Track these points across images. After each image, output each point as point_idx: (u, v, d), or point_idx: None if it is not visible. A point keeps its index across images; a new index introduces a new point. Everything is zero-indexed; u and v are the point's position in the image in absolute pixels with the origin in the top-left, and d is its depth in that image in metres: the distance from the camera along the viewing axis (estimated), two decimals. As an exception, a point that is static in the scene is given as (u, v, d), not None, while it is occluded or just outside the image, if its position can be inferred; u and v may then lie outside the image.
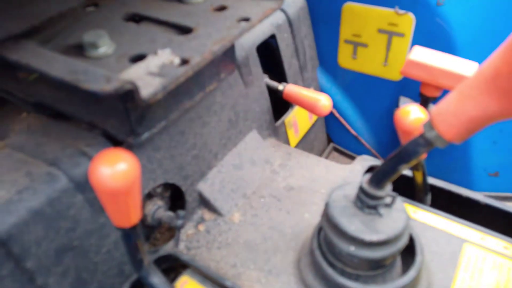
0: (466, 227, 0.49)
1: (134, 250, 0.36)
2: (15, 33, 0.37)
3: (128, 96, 0.32)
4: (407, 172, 0.58)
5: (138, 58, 0.37)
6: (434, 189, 0.57)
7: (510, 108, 0.27)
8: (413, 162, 0.35)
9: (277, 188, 0.58)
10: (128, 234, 0.34)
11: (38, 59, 0.34)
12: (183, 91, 0.45)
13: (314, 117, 0.82)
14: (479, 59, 0.56)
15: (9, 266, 0.35)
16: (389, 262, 0.40)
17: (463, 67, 0.55)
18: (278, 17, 0.70)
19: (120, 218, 0.31)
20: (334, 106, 0.85)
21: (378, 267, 0.40)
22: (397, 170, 0.35)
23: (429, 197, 0.55)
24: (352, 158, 0.89)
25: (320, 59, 0.84)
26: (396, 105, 0.79)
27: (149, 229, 0.54)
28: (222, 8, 0.46)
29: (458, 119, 0.30)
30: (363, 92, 0.82)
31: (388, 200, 0.39)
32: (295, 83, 0.74)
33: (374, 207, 0.39)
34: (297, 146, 0.77)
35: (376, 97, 0.80)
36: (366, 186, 0.38)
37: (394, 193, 0.39)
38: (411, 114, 0.41)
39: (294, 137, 0.75)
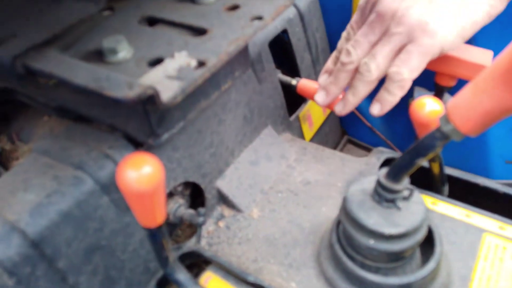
0: (485, 217, 0.50)
1: (160, 248, 0.37)
2: (38, 42, 0.38)
3: (148, 100, 0.33)
4: (423, 163, 0.58)
5: (156, 61, 0.38)
6: (451, 179, 0.57)
7: (527, 101, 0.27)
8: (430, 156, 0.35)
9: (293, 182, 0.59)
10: (154, 234, 0.35)
11: (61, 67, 0.36)
12: (200, 91, 0.46)
13: (328, 110, 0.82)
14: (494, 47, 0.56)
15: (43, 266, 0.36)
16: (408, 254, 0.40)
17: (478, 55, 0.55)
18: (289, 12, 0.70)
19: (146, 218, 0.33)
20: (348, 98, 0.84)
21: (397, 259, 0.40)
22: (414, 164, 0.36)
23: (446, 188, 0.55)
24: (367, 149, 0.90)
25: (332, 52, 0.83)
26: (410, 94, 0.78)
27: (171, 227, 0.55)
28: (234, 7, 0.46)
29: (474, 112, 0.30)
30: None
31: (406, 193, 0.40)
32: (308, 76, 0.74)
33: (392, 201, 0.39)
34: (311, 139, 0.78)
35: (390, 87, 0.80)
36: (383, 180, 0.38)
37: (411, 186, 0.39)
38: (427, 106, 0.41)
39: (308, 131, 0.76)
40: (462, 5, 0.46)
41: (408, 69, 0.46)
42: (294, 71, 0.73)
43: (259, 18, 0.43)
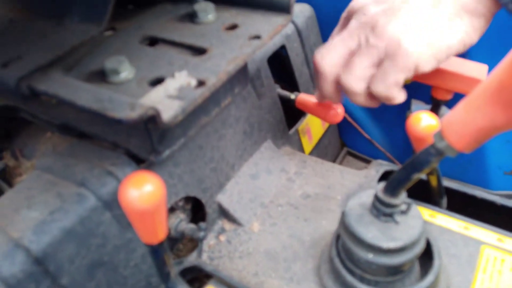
0: (483, 229, 0.50)
1: (162, 264, 0.37)
2: (42, 64, 0.39)
3: (150, 119, 0.34)
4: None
5: (157, 81, 0.39)
6: (449, 191, 0.58)
7: (517, 119, 0.28)
8: (426, 171, 0.36)
9: (293, 196, 0.59)
10: (156, 250, 0.35)
11: (65, 89, 0.36)
12: (200, 108, 0.47)
13: (327, 123, 0.83)
14: (489, 61, 0.57)
15: (47, 283, 0.37)
16: (407, 267, 0.41)
17: (472, 69, 0.56)
18: (287, 28, 0.71)
19: (148, 235, 0.33)
20: (346, 110, 0.85)
21: (396, 273, 0.41)
22: (411, 179, 0.36)
23: (444, 200, 0.55)
24: (367, 161, 0.90)
25: (330, 65, 0.85)
26: (408, 107, 0.79)
27: (172, 241, 0.56)
28: (233, 27, 0.47)
29: (467, 129, 0.31)
30: (375, 96, 0.83)
31: (403, 207, 0.40)
32: (307, 91, 0.76)
33: (390, 215, 0.40)
34: (311, 153, 0.78)
35: (388, 100, 0.81)
36: (381, 195, 0.39)
37: (409, 200, 0.40)
38: (422, 121, 0.42)
39: (308, 144, 0.77)
40: (437, 29, 0.47)
41: (386, 87, 0.48)
42: (292, 86, 0.74)
43: (258, 37, 0.44)
